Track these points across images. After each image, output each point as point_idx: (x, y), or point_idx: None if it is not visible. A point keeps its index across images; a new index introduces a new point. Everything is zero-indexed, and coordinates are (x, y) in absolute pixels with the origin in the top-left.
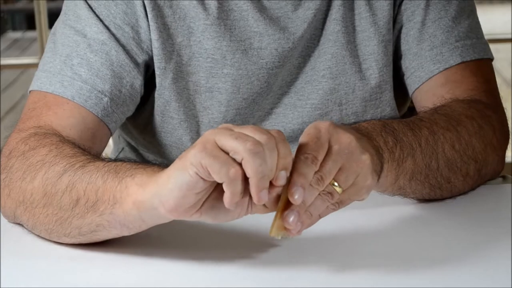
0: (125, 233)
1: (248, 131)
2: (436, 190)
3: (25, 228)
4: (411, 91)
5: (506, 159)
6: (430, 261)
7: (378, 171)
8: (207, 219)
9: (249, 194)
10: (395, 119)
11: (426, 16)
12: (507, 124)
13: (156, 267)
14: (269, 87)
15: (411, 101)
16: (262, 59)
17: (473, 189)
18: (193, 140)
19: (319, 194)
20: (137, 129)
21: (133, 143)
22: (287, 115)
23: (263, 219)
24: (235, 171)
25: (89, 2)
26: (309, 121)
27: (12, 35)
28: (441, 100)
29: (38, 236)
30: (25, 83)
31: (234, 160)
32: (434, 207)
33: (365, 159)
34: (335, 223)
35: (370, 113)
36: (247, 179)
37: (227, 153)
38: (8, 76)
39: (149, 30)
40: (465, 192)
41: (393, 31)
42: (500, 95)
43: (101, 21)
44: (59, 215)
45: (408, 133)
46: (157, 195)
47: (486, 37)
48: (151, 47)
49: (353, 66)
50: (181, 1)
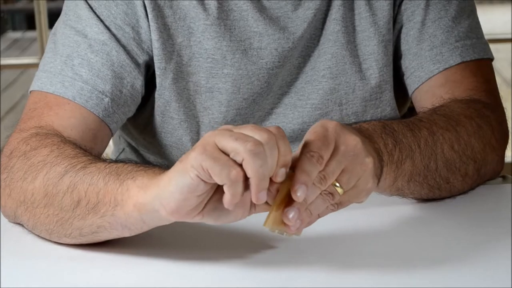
0: (126, 234)
1: (248, 130)
2: (435, 190)
3: (26, 228)
4: (411, 91)
5: (506, 159)
6: (430, 261)
7: (378, 174)
8: (209, 221)
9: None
10: (395, 119)
11: (426, 16)
12: (506, 123)
13: (156, 267)
14: (269, 87)
15: (411, 101)
16: (262, 59)
17: (472, 189)
18: (193, 140)
19: (321, 193)
20: (137, 129)
21: (133, 144)
22: (287, 115)
23: (263, 220)
24: (236, 173)
25: (90, 2)
26: (309, 121)
27: (12, 35)
28: (440, 100)
29: (38, 236)
30: (25, 83)
31: (234, 161)
32: (433, 207)
33: (369, 162)
34: (335, 223)
35: (370, 113)
36: (247, 179)
37: (227, 155)
38: (8, 76)
39: (150, 30)
40: (464, 192)
41: (393, 31)
42: (500, 95)
43: (101, 21)
44: (60, 216)
45: (407, 134)
46: (158, 197)
47: (486, 37)
48: (152, 47)
49: (353, 66)
50: (181, 1)
